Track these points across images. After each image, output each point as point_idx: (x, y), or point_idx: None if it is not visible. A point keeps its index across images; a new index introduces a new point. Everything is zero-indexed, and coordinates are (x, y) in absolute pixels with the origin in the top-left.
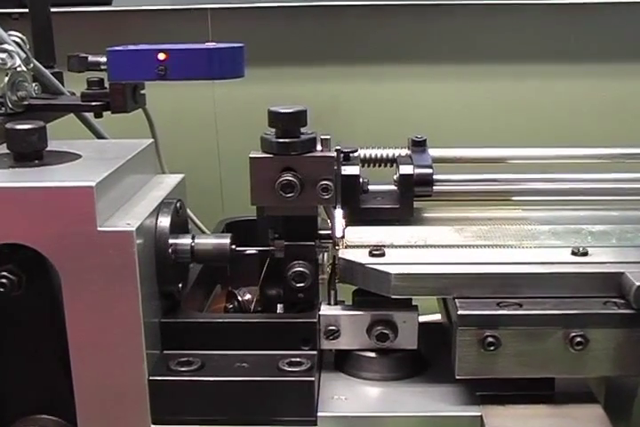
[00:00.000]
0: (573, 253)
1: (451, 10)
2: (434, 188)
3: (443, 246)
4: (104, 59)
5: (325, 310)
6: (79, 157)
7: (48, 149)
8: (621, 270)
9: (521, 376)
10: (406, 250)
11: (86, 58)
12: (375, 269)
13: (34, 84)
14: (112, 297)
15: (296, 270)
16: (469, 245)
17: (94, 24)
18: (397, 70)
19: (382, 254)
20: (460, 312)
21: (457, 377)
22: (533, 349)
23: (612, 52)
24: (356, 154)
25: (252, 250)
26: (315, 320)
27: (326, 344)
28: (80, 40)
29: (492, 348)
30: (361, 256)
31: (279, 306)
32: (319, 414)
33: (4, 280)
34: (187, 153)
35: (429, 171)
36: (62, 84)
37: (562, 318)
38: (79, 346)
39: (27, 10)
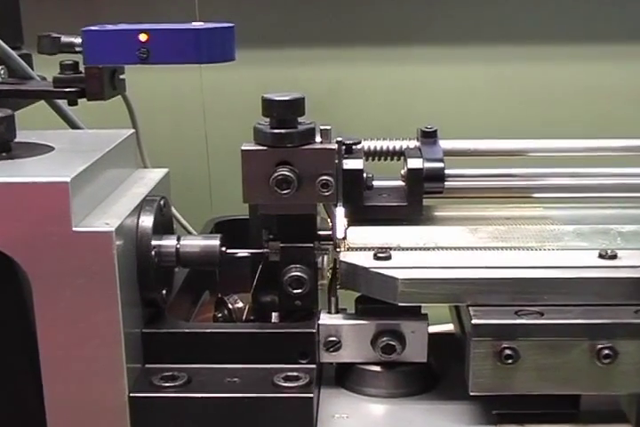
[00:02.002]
0: (601, 256)
1: None
2: (445, 184)
3: (455, 249)
4: (79, 39)
5: (325, 319)
6: (51, 149)
7: (17, 140)
8: None
9: (542, 393)
10: (415, 253)
11: (59, 38)
12: (380, 274)
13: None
14: (88, 305)
15: (293, 275)
16: (485, 248)
17: (68, 0)
18: (406, 53)
19: (388, 257)
20: (474, 321)
21: (471, 394)
22: (556, 362)
23: None
24: (359, 146)
25: (243, 252)
26: (313, 330)
27: (326, 357)
28: (52, 18)
29: (509, 361)
30: (364, 259)
31: (274, 315)
32: None
33: None
34: (171, 145)
35: (440, 165)
36: (32, 68)
37: (588, 328)
38: (51, 359)
39: None
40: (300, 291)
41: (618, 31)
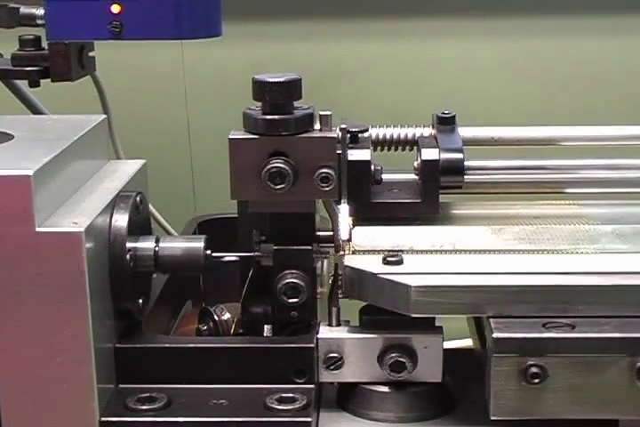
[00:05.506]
0: None
1: None
2: (465, 177)
3: (476, 252)
4: (41, 11)
5: (325, 332)
6: (10, 137)
7: None
8: None
9: (574, 417)
10: (430, 256)
11: (17, 9)
12: (390, 281)
13: None
14: (54, 316)
15: (288, 282)
16: (510, 251)
17: None
18: (418, 26)
19: (399, 262)
20: (495, 335)
21: (492, 418)
22: (590, 382)
23: None
24: (365, 134)
25: (231, 256)
26: (311, 345)
27: (326, 376)
28: None
29: (536, 380)
30: (372, 264)
31: (266, 328)
32: None
33: None
34: (148, 133)
35: (459, 156)
36: None
37: (627, 342)
38: (10, 379)
39: None
40: (295, 300)
41: None
